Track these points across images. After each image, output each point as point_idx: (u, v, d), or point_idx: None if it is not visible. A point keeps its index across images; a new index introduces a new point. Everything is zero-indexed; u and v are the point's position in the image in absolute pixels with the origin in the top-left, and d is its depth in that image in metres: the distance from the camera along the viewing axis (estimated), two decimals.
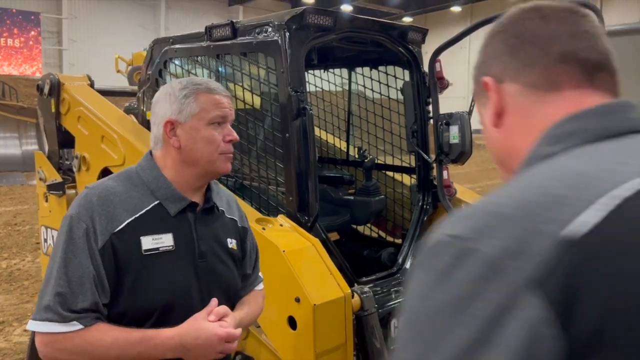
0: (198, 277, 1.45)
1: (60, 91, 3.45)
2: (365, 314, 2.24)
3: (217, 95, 1.48)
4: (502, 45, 0.81)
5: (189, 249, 1.44)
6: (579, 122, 0.72)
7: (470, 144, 2.79)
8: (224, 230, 1.57)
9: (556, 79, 0.75)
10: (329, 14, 2.42)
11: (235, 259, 1.58)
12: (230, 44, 2.58)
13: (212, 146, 1.45)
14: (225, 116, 1.49)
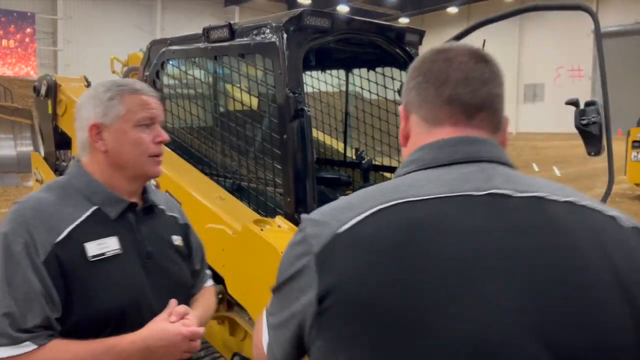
0: (149, 278, 1.42)
1: (57, 92, 3.45)
2: None
3: (143, 96, 1.44)
4: (413, 82, 0.98)
5: (136, 251, 1.41)
6: (421, 152, 0.93)
7: None
8: (168, 228, 1.54)
9: (440, 117, 0.94)
10: (326, 15, 2.43)
11: (183, 256, 1.56)
12: (228, 46, 2.58)
13: (140, 149, 1.42)
14: (154, 117, 1.45)
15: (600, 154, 2.29)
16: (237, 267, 2.26)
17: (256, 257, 2.15)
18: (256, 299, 2.20)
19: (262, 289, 2.17)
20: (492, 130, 0.96)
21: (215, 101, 2.81)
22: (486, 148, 0.92)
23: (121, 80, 1.46)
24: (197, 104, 2.84)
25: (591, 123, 2.27)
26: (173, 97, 2.99)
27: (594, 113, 2.28)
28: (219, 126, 2.76)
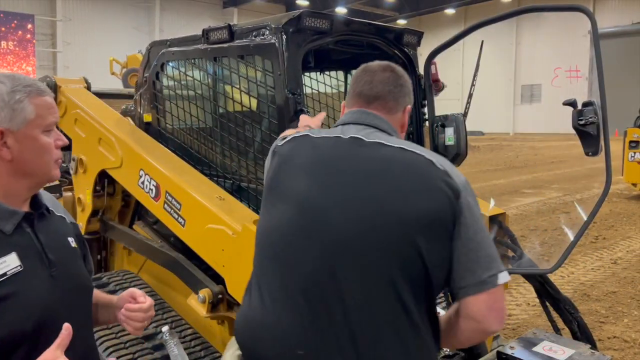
0: (57, 288, 1.33)
1: (56, 94, 3.45)
2: None
3: (48, 98, 1.34)
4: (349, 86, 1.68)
5: (38, 263, 1.32)
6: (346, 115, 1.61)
7: (466, 146, 2.82)
8: (62, 231, 1.46)
9: (352, 103, 1.62)
10: (325, 17, 2.44)
11: (79, 257, 1.49)
12: (228, 47, 2.59)
13: (49, 155, 1.33)
14: (57, 121, 1.38)
15: (598, 154, 2.30)
16: (237, 268, 2.27)
17: None
18: None
19: None
20: (385, 112, 1.57)
21: (215, 102, 2.83)
22: (370, 118, 1.55)
23: (24, 79, 1.32)
24: (197, 105, 2.86)
25: (589, 123, 2.28)
26: (173, 98, 3.00)
27: (591, 113, 2.29)
28: (219, 127, 2.77)
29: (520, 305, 5.10)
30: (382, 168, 1.42)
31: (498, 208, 3.04)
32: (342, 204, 1.38)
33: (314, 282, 1.36)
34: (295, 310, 1.37)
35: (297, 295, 1.37)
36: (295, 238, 1.42)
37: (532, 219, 8.97)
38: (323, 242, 1.37)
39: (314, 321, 1.34)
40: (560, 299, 2.88)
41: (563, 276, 5.95)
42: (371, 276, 1.33)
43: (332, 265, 1.35)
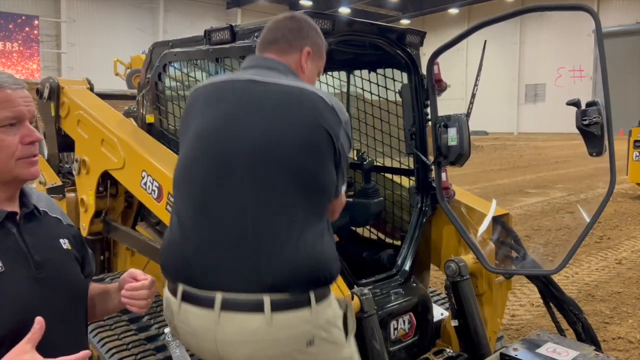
0: (42, 291, 1.29)
1: (59, 95, 3.46)
2: (365, 315, 2.25)
3: (7, 91, 1.27)
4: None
5: (22, 264, 1.28)
6: (245, 62, 1.84)
7: (469, 146, 2.80)
8: (54, 232, 1.42)
9: (260, 49, 1.81)
10: (327, 17, 2.43)
11: (73, 259, 1.44)
12: (230, 48, 2.59)
13: (5, 153, 1.27)
14: (19, 116, 1.28)
15: (602, 154, 2.28)
16: None
17: None
18: None
19: None
20: (279, 54, 1.76)
21: None
22: (266, 62, 1.75)
23: None
24: None
25: (592, 124, 2.27)
26: (175, 99, 3.00)
27: (595, 113, 2.28)
28: None
29: (524, 305, 5.08)
30: (272, 102, 1.62)
31: (501, 208, 3.03)
32: (234, 128, 1.60)
33: (208, 193, 1.58)
34: (196, 222, 1.59)
35: (196, 208, 1.59)
36: (192, 162, 1.64)
37: (536, 219, 8.94)
38: (214, 159, 1.59)
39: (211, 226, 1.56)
40: (565, 300, 2.87)
41: (567, 276, 5.92)
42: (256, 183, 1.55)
43: (220, 177, 1.57)
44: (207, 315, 1.52)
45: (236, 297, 1.50)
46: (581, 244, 2.43)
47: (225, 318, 1.50)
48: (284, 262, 1.50)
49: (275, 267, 1.49)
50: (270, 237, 1.51)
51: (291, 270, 1.50)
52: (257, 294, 1.48)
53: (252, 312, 1.48)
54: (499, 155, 21.09)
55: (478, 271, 2.86)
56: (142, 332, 2.69)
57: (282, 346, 1.51)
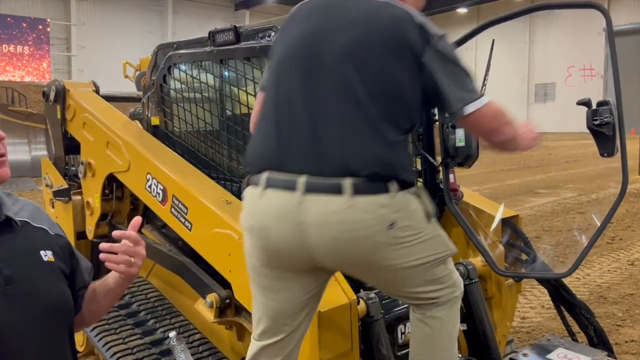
0: (10, 308, 1.22)
1: (65, 97, 3.46)
2: (372, 320, 2.21)
3: None
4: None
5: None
6: None
7: (477, 147, 2.76)
8: (33, 243, 1.34)
9: None
10: None
11: (57, 272, 1.37)
12: (234, 49, 2.57)
13: None
14: None
15: (614, 155, 2.23)
16: (244, 272, 2.23)
17: None
18: None
19: None
20: None
21: (222, 105, 2.80)
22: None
23: None
24: (204, 108, 2.83)
25: (604, 124, 2.22)
26: (180, 101, 2.98)
27: (606, 113, 2.23)
28: (226, 130, 2.75)
29: (534, 308, 5.01)
30: (361, 14, 1.71)
31: (510, 210, 2.98)
32: (325, 34, 1.70)
33: (296, 90, 1.70)
34: (284, 115, 1.70)
35: (285, 103, 1.71)
36: (283, 62, 1.76)
37: (546, 220, 8.85)
38: (305, 59, 1.71)
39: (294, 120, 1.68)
40: (576, 303, 2.81)
41: (579, 278, 5.84)
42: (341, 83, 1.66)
43: (308, 75, 1.69)
44: (290, 197, 1.61)
45: (318, 180, 1.60)
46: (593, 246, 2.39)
47: (308, 200, 1.59)
48: (364, 153, 1.62)
49: (356, 156, 1.61)
50: (352, 132, 1.63)
51: (371, 160, 1.61)
52: (339, 177, 1.59)
53: (333, 194, 1.58)
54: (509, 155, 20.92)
55: (487, 274, 2.82)
56: (147, 336, 2.67)
57: (364, 228, 1.58)
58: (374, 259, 1.64)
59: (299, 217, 1.59)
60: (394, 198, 1.61)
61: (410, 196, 1.68)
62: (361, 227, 1.58)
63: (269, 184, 1.65)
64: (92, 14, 30.49)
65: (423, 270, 1.73)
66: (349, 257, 1.64)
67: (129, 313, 2.82)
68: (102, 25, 30.49)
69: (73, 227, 3.43)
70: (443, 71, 1.66)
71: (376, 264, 1.66)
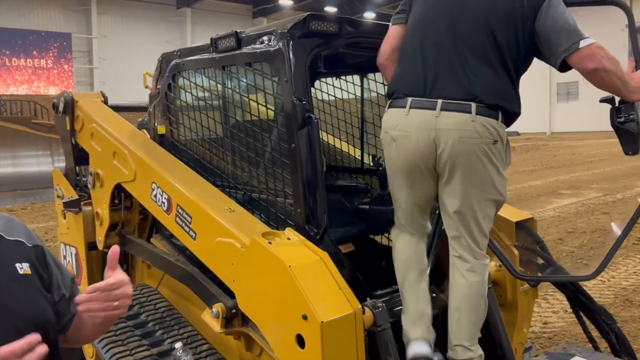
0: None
1: (74, 109, 3.47)
2: (379, 329, 2.15)
3: None
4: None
5: None
6: None
7: None
8: (8, 257, 1.31)
9: None
10: (333, 19, 2.35)
11: (35, 285, 1.33)
12: (235, 55, 2.53)
13: None
14: None
15: (638, 152, 2.18)
16: (247, 282, 2.19)
17: (264, 271, 2.08)
18: (266, 314, 2.13)
19: (272, 304, 2.10)
20: None
21: (225, 112, 2.77)
22: None
23: None
24: (208, 116, 2.80)
25: (628, 121, 2.16)
26: (184, 109, 2.96)
27: (630, 110, 2.17)
28: (230, 137, 2.71)
29: (557, 312, 4.87)
30: None
31: (525, 213, 2.89)
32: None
33: (440, 34, 2.19)
34: (428, 53, 2.21)
35: (430, 46, 2.21)
36: (429, 13, 2.26)
37: (570, 221, 8.65)
38: (450, 12, 2.19)
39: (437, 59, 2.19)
40: (595, 308, 2.70)
41: (603, 281, 5.67)
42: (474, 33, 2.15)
43: (453, 24, 2.18)
44: (430, 114, 2.15)
45: (452, 102, 2.13)
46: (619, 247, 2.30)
47: (443, 115, 2.13)
48: (489, 86, 2.12)
49: (482, 88, 2.12)
50: (481, 70, 2.13)
51: (492, 93, 2.12)
52: (468, 101, 2.11)
53: (462, 112, 2.11)
54: (531, 156, 20.60)
55: (502, 279, 2.73)
56: (154, 347, 2.63)
57: (478, 136, 2.10)
58: (477, 159, 2.13)
59: (435, 125, 2.13)
60: (500, 126, 2.15)
61: (505, 132, 2.19)
62: (477, 136, 2.11)
63: (412, 106, 2.19)
64: (112, 26, 31.02)
65: (488, 195, 2.19)
66: (461, 155, 2.12)
67: (137, 324, 2.79)
68: (123, 37, 31.00)
69: (84, 238, 3.43)
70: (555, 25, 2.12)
71: (475, 165, 2.14)
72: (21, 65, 28.94)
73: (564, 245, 7.15)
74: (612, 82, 2.07)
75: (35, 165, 13.75)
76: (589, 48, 2.07)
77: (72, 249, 3.56)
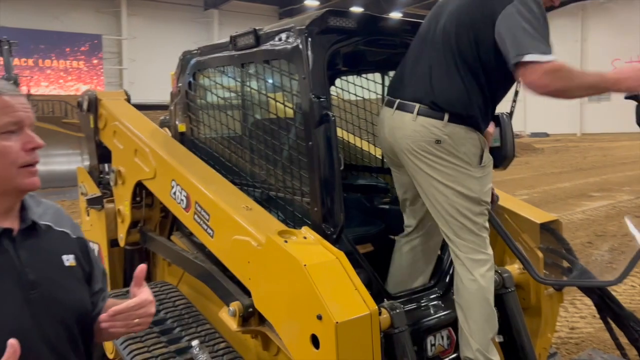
0: (33, 312, 1.23)
1: (97, 107, 3.51)
2: (396, 331, 2.11)
3: (5, 97, 1.24)
4: None
5: (14, 284, 1.22)
6: None
7: (513, 147, 2.61)
8: (56, 248, 1.35)
9: None
10: (351, 15, 2.32)
11: (77, 277, 1.38)
12: (254, 52, 2.52)
13: (6, 160, 1.23)
14: (19, 121, 1.24)
15: None
16: (262, 280, 2.17)
17: (280, 270, 2.06)
18: (281, 314, 2.11)
19: (287, 303, 2.07)
20: None
21: (244, 110, 2.76)
22: None
23: None
24: (227, 114, 2.80)
25: None
26: (204, 108, 2.96)
27: None
28: (248, 135, 2.70)
29: (584, 317, 4.74)
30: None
31: (550, 214, 2.81)
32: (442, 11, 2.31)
33: (420, 45, 2.39)
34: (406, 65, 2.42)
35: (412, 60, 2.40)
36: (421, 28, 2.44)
37: (600, 224, 8.43)
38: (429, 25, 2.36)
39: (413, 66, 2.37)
40: (624, 314, 2.61)
41: (634, 286, 5.50)
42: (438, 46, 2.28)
43: (429, 36, 2.34)
44: (389, 112, 2.37)
45: (403, 102, 2.31)
46: None
47: (396, 113, 2.33)
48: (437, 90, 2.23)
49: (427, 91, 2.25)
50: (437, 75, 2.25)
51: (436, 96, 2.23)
52: (413, 102, 2.27)
53: (407, 112, 2.28)
54: (560, 158, 20.18)
55: (525, 282, 2.65)
56: (172, 344, 2.64)
57: (421, 135, 2.23)
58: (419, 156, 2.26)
59: (390, 123, 2.35)
60: (446, 125, 2.20)
61: (462, 131, 2.22)
62: (420, 135, 2.24)
63: (384, 104, 2.45)
64: (142, 28, 31.48)
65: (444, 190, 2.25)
66: (405, 151, 2.30)
67: (156, 321, 2.79)
68: (152, 38, 31.41)
69: (106, 235, 3.46)
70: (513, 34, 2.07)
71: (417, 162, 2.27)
72: (53, 66, 29.60)
73: (593, 248, 6.97)
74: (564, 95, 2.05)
75: (66, 163, 14.04)
76: (530, 64, 1.99)
77: (95, 245, 3.60)
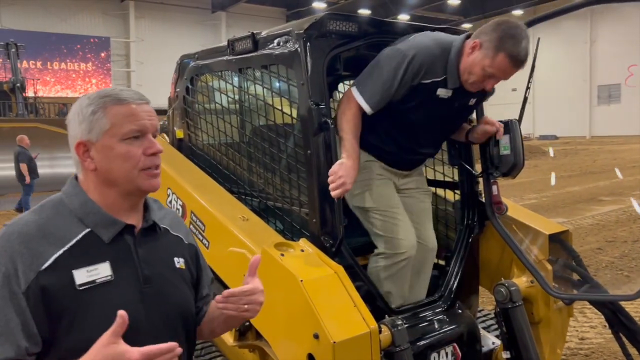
0: (145, 305, 1.31)
1: None
2: (397, 350, 2.01)
3: (131, 105, 1.32)
4: None
5: (131, 276, 1.31)
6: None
7: (523, 155, 2.52)
8: (170, 250, 1.44)
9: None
10: (352, 19, 2.23)
11: (185, 280, 1.45)
12: (252, 57, 2.44)
13: (129, 163, 1.30)
14: (142, 129, 1.32)
15: None
16: None
17: (276, 285, 1.96)
18: (277, 331, 2.02)
19: (283, 320, 1.98)
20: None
21: (242, 116, 2.68)
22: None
23: (106, 90, 1.35)
24: (224, 120, 2.72)
25: None
26: (202, 113, 2.88)
27: None
28: (245, 142, 2.62)
29: (594, 327, 4.61)
30: None
31: (559, 225, 2.70)
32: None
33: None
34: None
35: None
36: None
37: (610, 230, 8.27)
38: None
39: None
40: (636, 329, 2.50)
41: None
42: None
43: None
44: None
45: None
46: None
47: None
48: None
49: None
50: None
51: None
52: None
53: None
54: (570, 161, 19.98)
55: (533, 296, 2.55)
56: None
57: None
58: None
59: None
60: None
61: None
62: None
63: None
64: (149, 30, 31.60)
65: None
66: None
67: None
68: (159, 41, 31.52)
69: None
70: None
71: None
72: (61, 68, 29.75)
73: (604, 255, 6.82)
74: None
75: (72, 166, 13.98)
76: (349, 93, 2.30)
77: None
